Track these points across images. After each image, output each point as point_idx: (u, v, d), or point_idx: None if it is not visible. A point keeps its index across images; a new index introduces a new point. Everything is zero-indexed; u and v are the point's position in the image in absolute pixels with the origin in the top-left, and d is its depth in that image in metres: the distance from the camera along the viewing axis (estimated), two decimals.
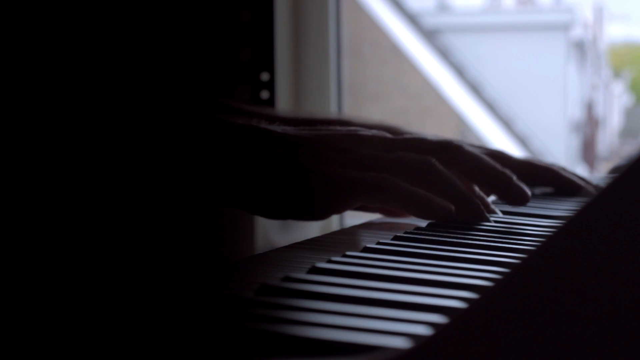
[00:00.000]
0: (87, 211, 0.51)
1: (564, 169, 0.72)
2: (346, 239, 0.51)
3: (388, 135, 0.56)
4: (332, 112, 1.24)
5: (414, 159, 0.53)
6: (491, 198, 0.63)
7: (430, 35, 6.37)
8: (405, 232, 0.48)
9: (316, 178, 0.50)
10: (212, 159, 0.50)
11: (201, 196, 0.51)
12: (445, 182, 0.52)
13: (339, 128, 0.55)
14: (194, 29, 0.72)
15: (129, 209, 0.52)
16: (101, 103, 0.50)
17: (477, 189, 0.57)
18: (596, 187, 0.68)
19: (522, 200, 0.57)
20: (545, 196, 0.70)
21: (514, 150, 5.61)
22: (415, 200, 0.51)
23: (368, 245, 0.43)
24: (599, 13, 12.52)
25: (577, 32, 8.61)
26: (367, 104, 5.87)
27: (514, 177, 0.57)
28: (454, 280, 0.35)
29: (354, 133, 0.55)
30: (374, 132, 0.56)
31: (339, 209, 0.52)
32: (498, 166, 0.56)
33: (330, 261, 0.39)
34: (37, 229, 0.50)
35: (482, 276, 0.36)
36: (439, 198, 0.52)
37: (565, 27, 8.06)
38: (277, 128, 0.53)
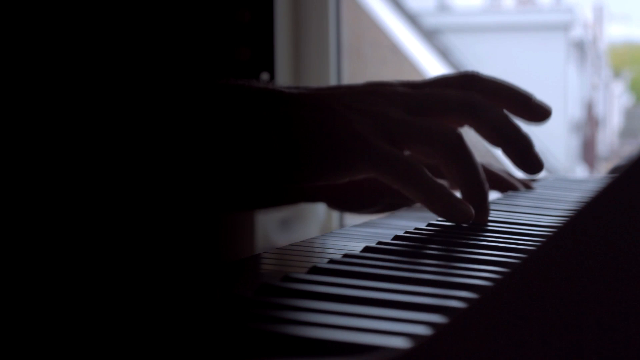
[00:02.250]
0: (88, 211, 0.51)
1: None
2: (347, 238, 0.51)
3: (409, 90, 0.53)
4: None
5: (439, 130, 0.51)
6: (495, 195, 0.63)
7: (430, 35, 6.37)
8: (405, 232, 0.48)
9: (336, 143, 0.49)
10: (228, 125, 0.49)
11: (219, 163, 0.50)
12: (467, 162, 0.51)
13: (357, 85, 0.53)
14: (193, 29, 0.72)
15: (130, 209, 0.52)
16: (102, 102, 0.50)
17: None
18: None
19: (536, 171, 0.54)
20: (545, 195, 0.70)
21: None
22: (437, 196, 0.50)
23: (368, 245, 0.43)
24: (599, 13, 12.52)
25: (577, 32, 8.61)
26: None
27: (535, 146, 0.55)
28: (454, 280, 0.35)
29: (373, 90, 0.52)
30: (393, 88, 0.53)
31: (356, 176, 0.51)
32: (522, 130, 0.54)
33: (330, 261, 0.39)
34: (38, 229, 0.50)
35: (482, 276, 0.36)
36: (462, 200, 0.51)
37: (565, 27, 8.06)
38: (294, 90, 0.52)
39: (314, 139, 0.49)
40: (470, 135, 0.56)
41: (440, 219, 0.53)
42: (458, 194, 0.52)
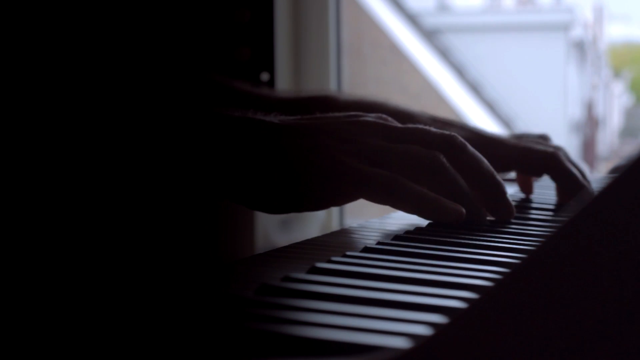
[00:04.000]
0: (87, 211, 0.51)
1: (565, 156, 0.69)
2: (346, 239, 0.51)
3: (390, 122, 0.54)
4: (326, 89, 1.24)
5: (421, 154, 0.51)
6: None
7: (430, 35, 6.37)
8: (406, 232, 0.48)
9: (318, 170, 0.50)
10: (209, 153, 0.49)
11: (201, 190, 0.51)
12: (451, 183, 0.51)
13: (338, 115, 0.53)
14: (194, 29, 0.72)
15: (129, 209, 0.52)
16: (100, 102, 0.50)
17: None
18: (590, 183, 0.67)
19: (506, 216, 0.55)
20: (545, 195, 0.70)
21: None
22: (425, 203, 0.50)
23: (368, 245, 0.43)
24: (599, 13, 12.53)
25: (577, 32, 8.61)
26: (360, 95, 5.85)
27: (507, 193, 0.55)
28: (454, 280, 0.35)
29: (355, 120, 0.53)
30: (375, 118, 0.54)
31: (341, 202, 0.51)
32: (497, 176, 0.54)
33: (330, 261, 0.39)
34: (38, 229, 0.50)
35: (482, 276, 0.36)
36: (449, 201, 0.51)
37: (565, 27, 8.06)
38: (275, 119, 0.52)
39: (298, 168, 0.50)
40: None
41: None
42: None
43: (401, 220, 0.59)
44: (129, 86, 0.52)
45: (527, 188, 0.72)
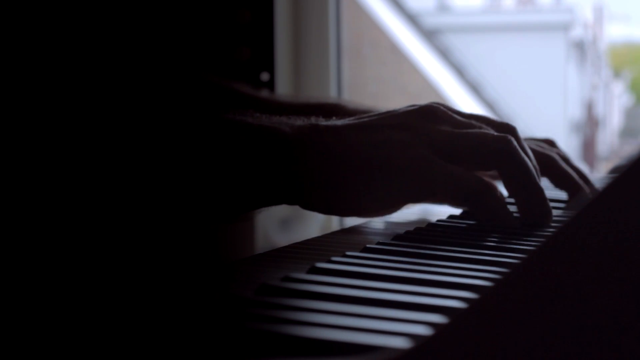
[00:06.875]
0: (88, 211, 0.51)
1: (564, 159, 0.67)
2: (346, 239, 0.51)
3: (450, 109, 0.52)
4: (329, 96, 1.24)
5: (494, 136, 0.50)
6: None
7: (430, 35, 6.37)
8: (406, 232, 0.48)
9: (399, 168, 0.48)
10: (266, 161, 0.48)
11: (249, 200, 0.49)
12: (522, 168, 0.50)
13: (394, 109, 0.51)
14: (194, 29, 0.72)
15: (130, 209, 0.52)
16: (104, 105, 0.50)
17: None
18: (592, 185, 0.66)
19: (542, 221, 0.53)
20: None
21: None
22: (503, 218, 0.50)
23: (368, 245, 0.43)
24: (599, 13, 12.53)
25: (577, 32, 8.61)
26: (366, 104, 5.85)
27: (547, 201, 0.52)
28: (454, 280, 0.35)
29: (416, 109, 0.50)
30: (433, 106, 0.51)
31: (423, 201, 0.50)
32: (540, 185, 0.52)
33: (330, 261, 0.39)
34: (38, 229, 0.50)
35: (482, 276, 0.36)
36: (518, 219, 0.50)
37: (565, 27, 8.07)
38: (337, 121, 0.50)
39: (378, 167, 0.48)
40: None
41: (439, 219, 0.53)
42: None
43: (401, 220, 0.59)
44: (129, 88, 0.52)
45: None
